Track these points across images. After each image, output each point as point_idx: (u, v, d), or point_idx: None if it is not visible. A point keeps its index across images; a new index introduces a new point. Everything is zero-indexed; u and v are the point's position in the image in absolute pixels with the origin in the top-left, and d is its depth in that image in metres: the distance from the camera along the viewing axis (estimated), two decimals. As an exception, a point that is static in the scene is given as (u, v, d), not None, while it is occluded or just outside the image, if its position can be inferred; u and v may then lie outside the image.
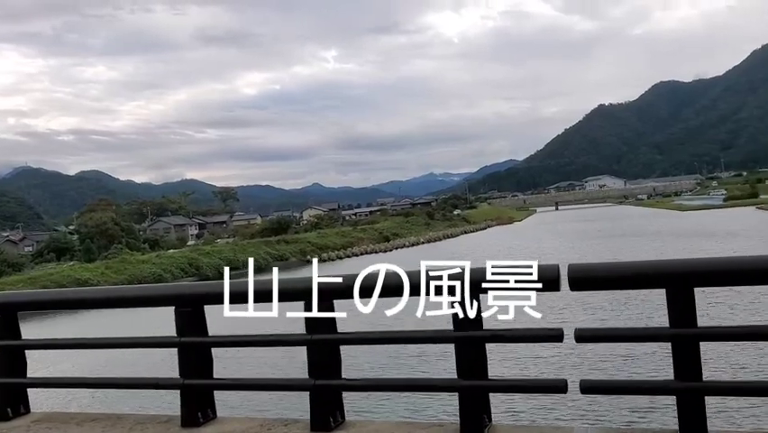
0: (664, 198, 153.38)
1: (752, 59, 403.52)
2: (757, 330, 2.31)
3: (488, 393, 2.87)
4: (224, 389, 3.84)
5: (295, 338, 3.38)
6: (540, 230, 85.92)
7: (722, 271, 2.33)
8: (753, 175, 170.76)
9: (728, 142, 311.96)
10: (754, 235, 52.52)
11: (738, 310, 21.09)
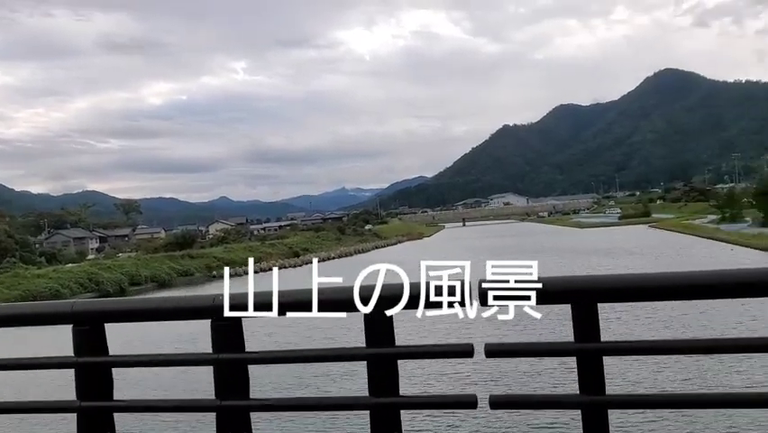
0: (564, 216, 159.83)
1: (644, 85, 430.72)
2: (657, 345, 2.39)
3: (399, 411, 2.85)
4: (125, 411, 3.62)
5: (201, 358, 3.23)
6: (449, 245, 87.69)
7: (624, 288, 2.36)
8: (645, 195, 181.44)
9: (623, 163, 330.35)
10: (648, 253, 55.66)
11: (637, 325, 22.21)
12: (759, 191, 72.34)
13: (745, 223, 72.66)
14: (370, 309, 2.65)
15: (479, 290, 2.50)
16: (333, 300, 2.76)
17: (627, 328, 21.27)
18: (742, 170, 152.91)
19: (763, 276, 2.26)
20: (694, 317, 22.63)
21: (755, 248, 50.42)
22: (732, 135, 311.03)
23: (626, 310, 22.06)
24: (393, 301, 2.63)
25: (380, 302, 2.64)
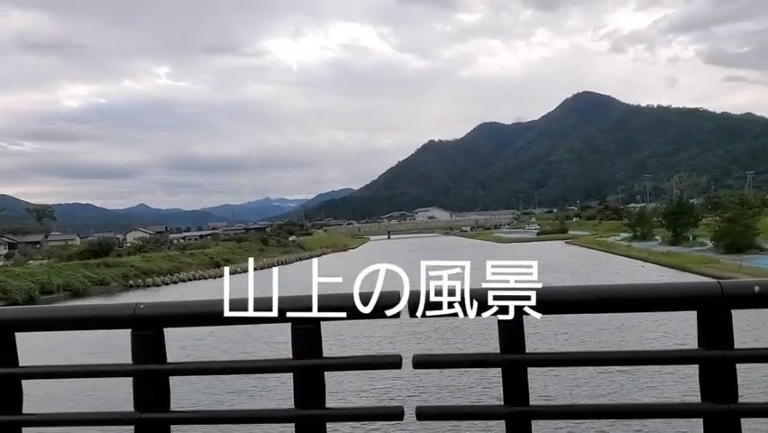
0: (486, 230, 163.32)
1: (563, 106, 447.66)
2: (579, 356, 2.48)
3: (324, 423, 2.83)
4: (33, 425, 3.43)
5: (120, 368, 3.11)
6: (374, 258, 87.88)
7: (551, 301, 2.44)
8: (562, 212, 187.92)
9: (542, 181, 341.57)
10: (565, 268, 57.52)
11: (558, 337, 22.86)
12: (668, 211, 76.13)
13: (656, 241, 76.28)
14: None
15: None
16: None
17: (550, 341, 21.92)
18: (653, 191, 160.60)
19: (673, 291, 2.39)
20: (612, 331, 23.58)
21: (664, 265, 52.94)
22: (644, 157, 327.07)
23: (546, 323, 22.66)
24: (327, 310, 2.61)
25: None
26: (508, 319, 2.34)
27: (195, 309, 2.99)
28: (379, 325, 23.62)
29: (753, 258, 49.19)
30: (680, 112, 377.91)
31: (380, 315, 2.57)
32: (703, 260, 51.11)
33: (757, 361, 2.31)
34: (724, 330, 2.27)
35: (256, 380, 16.01)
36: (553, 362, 2.47)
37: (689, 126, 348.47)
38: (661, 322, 21.50)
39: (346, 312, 2.59)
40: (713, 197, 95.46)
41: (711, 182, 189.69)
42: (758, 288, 2.29)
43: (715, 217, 63.05)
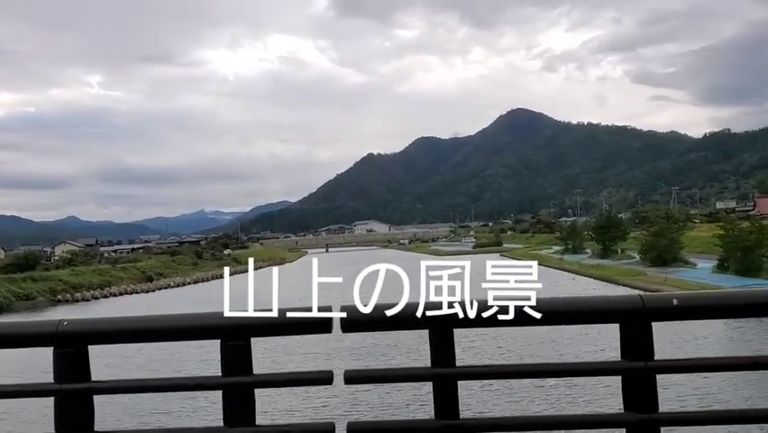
0: (423, 243, 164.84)
1: (498, 123, 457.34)
2: (509, 369, 2.52)
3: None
4: None
5: (40, 388, 2.97)
6: (311, 271, 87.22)
7: (479, 314, 2.47)
8: (497, 225, 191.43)
9: (478, 195, 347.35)
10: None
11: (490, 350, 23.20)
12: (598, 225, 78.69)
13: (586, 254, 78.64)
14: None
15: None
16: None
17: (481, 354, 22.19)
18: (583, 205, 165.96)
19: (596, 305, 2.46)
20: (546, 344, 24.09)
21: (595, 278, 54.59)
22: (575, 173, 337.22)
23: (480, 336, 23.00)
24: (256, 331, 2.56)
25: (247, 330, 2.56)
26: (437, 333, 2.36)
27: (122, 326, 2.90)
28: (315, 341, 23.47)
29: (677, 271, 51.27)
30: (609, 129, 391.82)
31: (314, 331, 2.54)
32: (631, 273, 52.96)
33: (676, 372, 2.38)
34: (645, 342, 2.32)
35: (185, 399, 15.64)
36: (482, 375, 2.50)
37: (617, 144, 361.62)
38: (598, 334, 22.06)
39: (278, 328, 2.56)
40: (640, 211, 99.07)
41: (638, 197, 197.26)
42: (676, 301, 2.37)
43: (642, 231, 65.52)
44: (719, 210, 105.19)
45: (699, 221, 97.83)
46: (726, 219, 53.61)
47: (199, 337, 2.68)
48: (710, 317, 2.71)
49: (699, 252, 60.75)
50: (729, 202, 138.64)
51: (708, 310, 2.58)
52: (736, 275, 44.66)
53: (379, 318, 2.47)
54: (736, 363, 2.58)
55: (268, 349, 21.89)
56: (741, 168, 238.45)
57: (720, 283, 40.53)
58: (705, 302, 2.50)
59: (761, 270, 43.92)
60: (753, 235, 45.78)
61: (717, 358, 2.58)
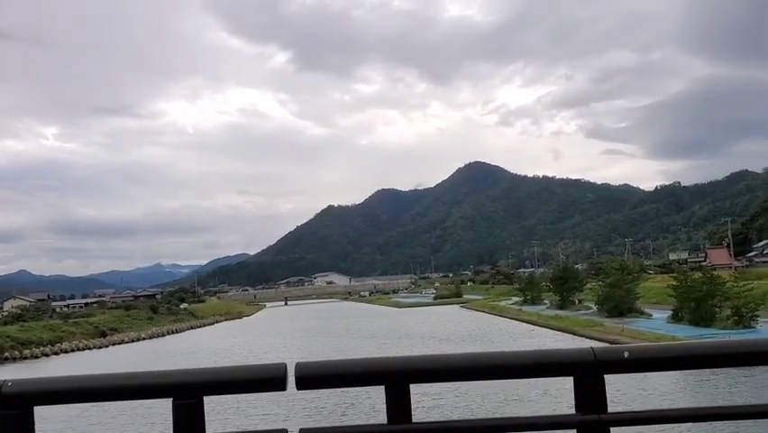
0: (384, 295, 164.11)
1: (456, 175, 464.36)
2: (465, 425, 2.50)
3: None
4: None
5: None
6: (268, 326, 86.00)
7: (435, 369, 2.46)
8: (457, 276, 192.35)
9: (438, 246, 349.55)
10: (457, 338, 58.40)
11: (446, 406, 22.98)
12: (555, 276, 79.64)
13: (544, 305, 79.32)
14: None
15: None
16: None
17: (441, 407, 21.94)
18: (541, 256, 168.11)
19: (549, 358, 2.48)
20: (500, 397, 24.01)
21: (554, 329, 54.96)
22: (532, 224, 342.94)
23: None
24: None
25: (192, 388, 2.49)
26: (394, 388, 2.34)
27: (69, 385, 2.78)
28: (270, 398, 22.98)
29: (633, 321, 52.02)
30: (564, 182, 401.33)
31: (268, 388, 2.49)
32: (589, 323, 53.51)
33: (629, 424, 2.40)
34: (598, 395, 2.34)
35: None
36: (439, 431, 2.48)
37: (572, 196, 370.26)
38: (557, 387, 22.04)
39: (231, 386, 2.49)
40: (596, 262, 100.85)
41: (594, 248, 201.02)
42: (627, 353, 2.40)
43: (598, 282, 66.56)
44: (672, 261, 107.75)
45: (653, 272, 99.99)
46: (679, 270, 54.90)
47: (150, 396, 2.59)
48: (661, 369, 2.75)
49: (653, 302, 61.91)
50: (682, 253, 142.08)
51: (658, 362, 2.62)
52: (690, 325, 45.55)
53: (334, 375, 2.44)
54: (692, 415, 2.60)
55: (218, 407, 21.29)
56: (692, 220, 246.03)
57: (675, 333, 41.23)
58: (655, 354, 2.54)
59: (713, 320, 44.89)
60: (705, 286, 46.90)
61: (672, 410, 2.60)
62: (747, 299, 44.08)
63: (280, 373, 2.33)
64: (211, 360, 40.04)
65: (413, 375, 2.37)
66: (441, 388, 23.93)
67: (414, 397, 2.40)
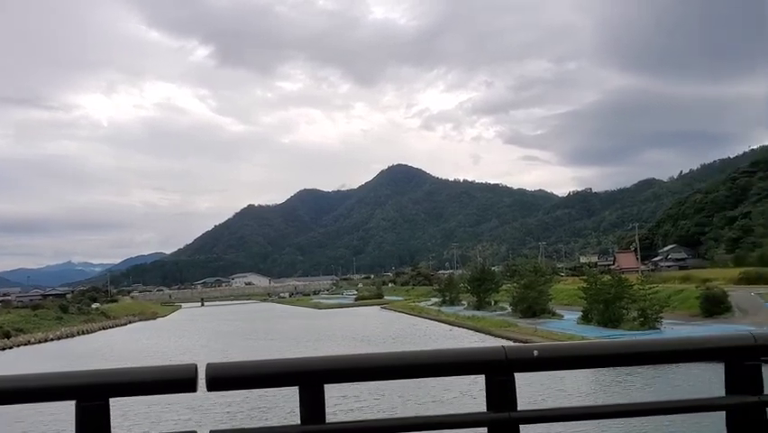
0: (304, 297, 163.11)
1: (379, 177, 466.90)
2: (378, 424, 2.53)
3: None
4: None
5: None
6: (183, 327, 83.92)
7: (350, 369, 2.47)
8: (378, 278, 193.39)
9: (360, 247, 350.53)
10: (377, 339, 58.72)
11: (363, 405, 23.05)
12: (473, 278, 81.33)
13: (462, 306, 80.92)
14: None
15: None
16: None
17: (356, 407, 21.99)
18: (459, 258, 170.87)
19: (462, 357, 2.54)
20: (421, 394, 24.30)
21: (471, 329, 56.15)
22: (452, 227, 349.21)
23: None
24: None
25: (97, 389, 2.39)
26: (308, 389, 2.32)
27: None
28: (183, 401, 22.42)
29: (546, 322, 53.81)
30: (483, 187, 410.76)
31: (177, 390, 2.42)
32: (504, 324, 54.95)
33: (538, 421, 2.49)
34: (508, 393, 2.41)
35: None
36: (352, 431, 2.49)
37: (490, 200, 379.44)
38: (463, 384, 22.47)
39: (139, 387, 2.41)
40: (511, 265, 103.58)
41: (510, 251, 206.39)
42: (536, 352, 2.49)
43: (513, 284, 68.45)
44: (583, 264, 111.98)
45: (564, 274, 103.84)
46: (589, 273, 57.11)
47: (52, 398, 2.47)
48: (568, 367, 2.87)
49: (565, 304, 64.22)
50: (592, 257, 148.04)
51: (565, 361, 2.73)
52: (599, 326, 47.51)
53: (246, 376, 2.40)
54: (598, 412, 2.70)
55: (125, 409, 20.63)
56: (602, 225, 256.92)
57: (584, 334, 42.94)
58: (563, 353, 2.65)
59: (621, 321, 46.97)
60: (613, 289, 49.00)
61: (579, 407, 2.71)
62: (652, 301, 46.35)
63: (190, 373, 2.26)
64: (121, 362, 38.74)
65: (327, 375, 2.37)
66: (361, 390, 24.03)
67: (334, 399, 2.41)
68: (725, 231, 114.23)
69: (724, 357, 2.53)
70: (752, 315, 46.54)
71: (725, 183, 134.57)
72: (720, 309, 49.25)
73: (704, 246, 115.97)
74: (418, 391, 24.57)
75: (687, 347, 2.68)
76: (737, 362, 2.49)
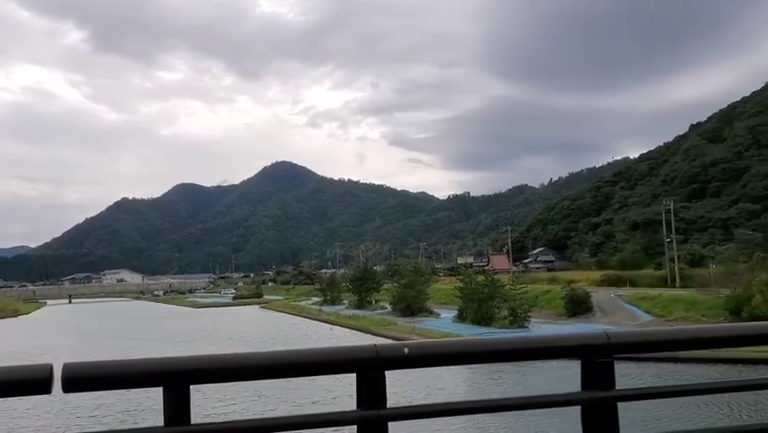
0: (180, 295, 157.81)
1: (263, 173, 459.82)
2: (241, 425, 2.46)
3: None
4: None
5: None
6: (47, 325, 78.66)
7: (217, 369, 2.40)
8: (259, 277, 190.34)
9: (240, 245, 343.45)
10: (252, 338, 57.87)
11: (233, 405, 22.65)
12: (355, 277, 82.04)
13: (343, 305, 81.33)
14: None
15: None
16: None
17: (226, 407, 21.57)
18: (342, 258, 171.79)
19: (333, 356, 2.54)
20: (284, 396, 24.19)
21: (351, 328, 56.56)
22: (335, 226, 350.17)
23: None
24: None
25: None
26: (173, 389, 2.23)
27: None
28: (43, 404, 21.09)
29: (424, 320, 55.22)
30: (367, 187, 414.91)
31: (30, 391, 2.26)
32: (384, 322, 55.82)
33: (406, 418, 2.53)
34: (378, 391, 2.43)
35: None
36: (219, 432, 2.42)
37: (374, 201, 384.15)
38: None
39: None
40: (393, 264, 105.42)
41: (392, 251, 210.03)
42: (407, 350, 2.53)
43: (394, 283, 69.71)
44: (460, 265, 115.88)
45: (442, 274, 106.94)
46: (465, 273, 59.18)
47: None
48: (438, 364, 2.95)
49: (442, 302, 66.19)
50: (468, 258, 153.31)
51: (434, 358, 2.80)
52: (473, 324, 49.39)
53: (106, 376, 2.25)
54: (465, 408, 2.76)
55: None
56: (478, 227, 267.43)
57: (459, 331, 44.50)
58: (432, 351, 2.72)
59: (493, 319, 49.07)
60: (486, 288, 51.11)
61: (446, 403, 2.78)
62: (522, 301, 48.81)
63: (45, 374, 2.15)
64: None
65: (193, 376, 2.27)
66: (239, 391, 23.55)
67: (212, 402, 2.32)
68: (589, 236, 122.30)
69: (580, 355, 2.68)
70: (611, 315, 50.11)
71: (590, 191, 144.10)
72: (582, 309, 52.66)
73: (570, 249, 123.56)
74: (298, 391, 24.42)
75: (547, 345, 2.82)
76: (592, 359, 2.64)
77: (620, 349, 2.74)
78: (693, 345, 3.03)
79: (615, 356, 2.66)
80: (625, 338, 2.85)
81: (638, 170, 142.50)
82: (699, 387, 3.18)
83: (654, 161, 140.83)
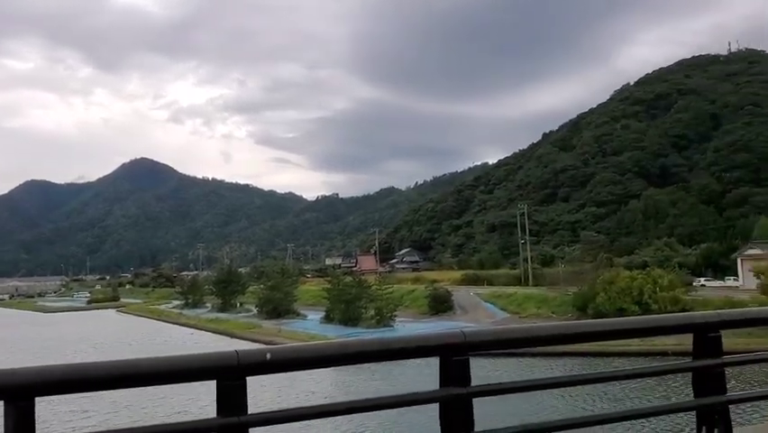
0: (28, 299, 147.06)
1: (121, 170, 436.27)
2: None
3: None
4: None
5: None
6: None
7: (65, 380, 2.29)
8: (115, 279, 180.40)
9: (95, 246, 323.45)
10: (105, 344, 54.88)
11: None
12: (218, 280, 79.95)
13: (206, 308, 78.92)
14: None
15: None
16: None
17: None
18: (206, 260, 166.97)
19: (191, 363, 2.47)
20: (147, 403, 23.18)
21: (213, 332, 55.04)
22: (199, 227, 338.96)
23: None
24: None
25: None
26: (13, 403, 2.15)
27: None
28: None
29: (290, 322, 54.87)
30: (232, 187, 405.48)
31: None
32: (248, 326, 54.86)
33: (266, 424, 2.52)
34: (238, 398, 2.39)
35: None
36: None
37: (240, 201, 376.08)
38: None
39: None
40: (259, 266, 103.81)
41: (258, 253, 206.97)
42: (269, 355, 2.52)
43: (260, 285, 68.66)
44: (328, 266, 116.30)
45: (310, 276, 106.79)
46: (333, 274, 59.59)
47: None
48: (301, 368, 2.96)
49: (310, 304, 66.11)
50: (337, 259, 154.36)
51: (300, 362, 2.81)
52: (340, 325, 49.75)
53: None
54: (327, 411, 2.77)
55: None
56: (347, 229, 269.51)
57: (326, 333, 44.59)
58: (294, 355, 2.72)
59: (360, 319, 49.69)
60: (354, 289, 51.68)
61: (308, 407, 2.77)
62: (388, 300, 49.84)
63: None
64: None
65: (38, 388, 2.19)
66: (97, 403, 22.21)
67: (64, 415, 2.30)
68: (451, 237, 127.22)
69: (438, 353, 2.78)
70: (470, 312, 52.42)
71: (452, 195, 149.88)
72: (444, 308, 54.71)
73: (434, 250, 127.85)
74: (163, 400, 23.44)
75: (407, 346, 2.91)
76: (449, 357, 2.75)
77: (475, 347, 2.89)
78: (542, 342, 3.26)
79: (470, 354, 2.80)
80: (480, 337, 3.01)
81: (496, 175, 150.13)
82: (547, 381, 3.42)
83: (510, 167, 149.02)
